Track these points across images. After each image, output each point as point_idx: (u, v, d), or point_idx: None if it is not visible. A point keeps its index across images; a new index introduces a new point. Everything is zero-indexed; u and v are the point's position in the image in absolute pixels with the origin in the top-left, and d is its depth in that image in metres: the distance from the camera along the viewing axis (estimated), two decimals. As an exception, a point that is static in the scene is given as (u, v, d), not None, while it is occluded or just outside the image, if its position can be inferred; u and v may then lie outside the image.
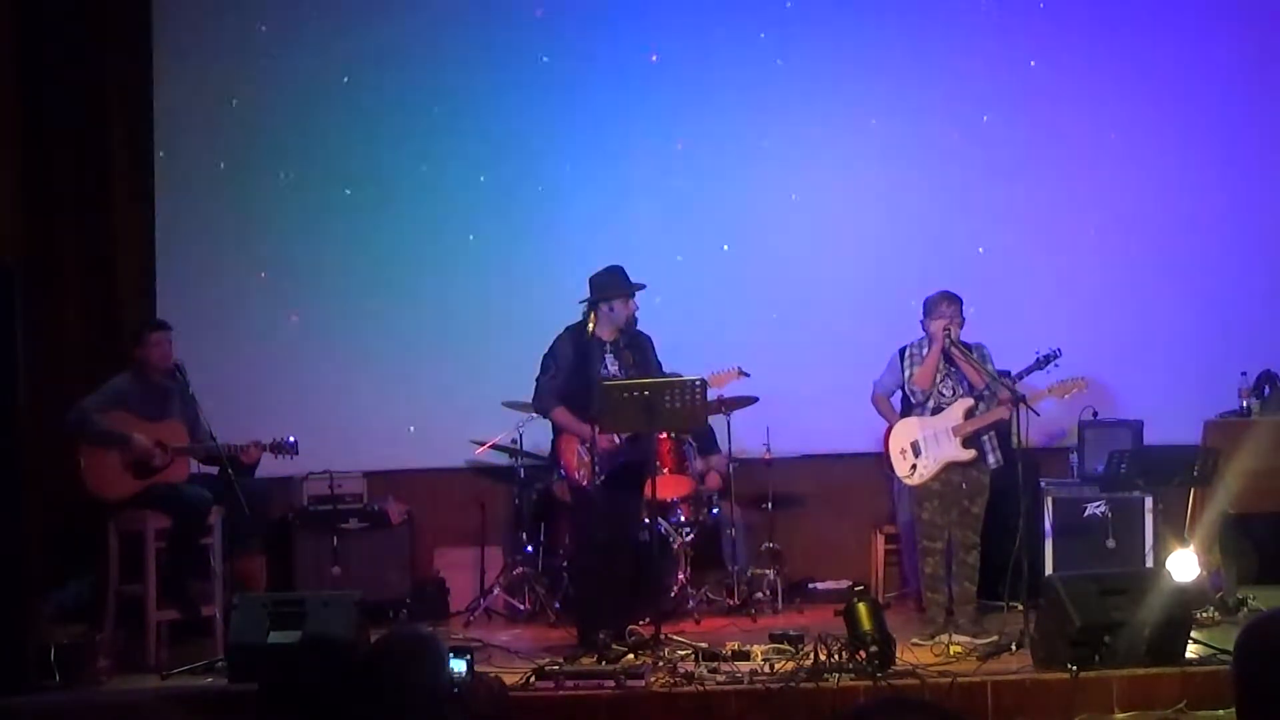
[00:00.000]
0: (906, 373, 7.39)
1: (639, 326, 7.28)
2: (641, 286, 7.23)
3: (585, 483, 7.10)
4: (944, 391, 7.29)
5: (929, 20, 9.15)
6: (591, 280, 7.21)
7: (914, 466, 7.31)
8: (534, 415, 7.69)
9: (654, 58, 9.17)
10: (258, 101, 9.11)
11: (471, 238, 9.16)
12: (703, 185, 9.16)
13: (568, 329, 7.22)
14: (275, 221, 9.12)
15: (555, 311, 7.27)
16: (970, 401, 7.23)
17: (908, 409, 7.50)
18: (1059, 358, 7.20)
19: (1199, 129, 9.09)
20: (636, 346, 7.18)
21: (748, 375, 7.72)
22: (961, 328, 7.31)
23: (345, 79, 9.12)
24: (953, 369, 7.30)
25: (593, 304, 7.15)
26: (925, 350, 7.37)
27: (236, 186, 9.10)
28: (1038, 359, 7.26)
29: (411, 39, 9.17)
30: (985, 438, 7.27)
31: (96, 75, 8.73)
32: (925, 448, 7.27)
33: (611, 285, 7.14)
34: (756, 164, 9.13)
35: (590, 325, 7.12)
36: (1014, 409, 7.06)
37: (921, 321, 7.99)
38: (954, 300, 7.31)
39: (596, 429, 6.96)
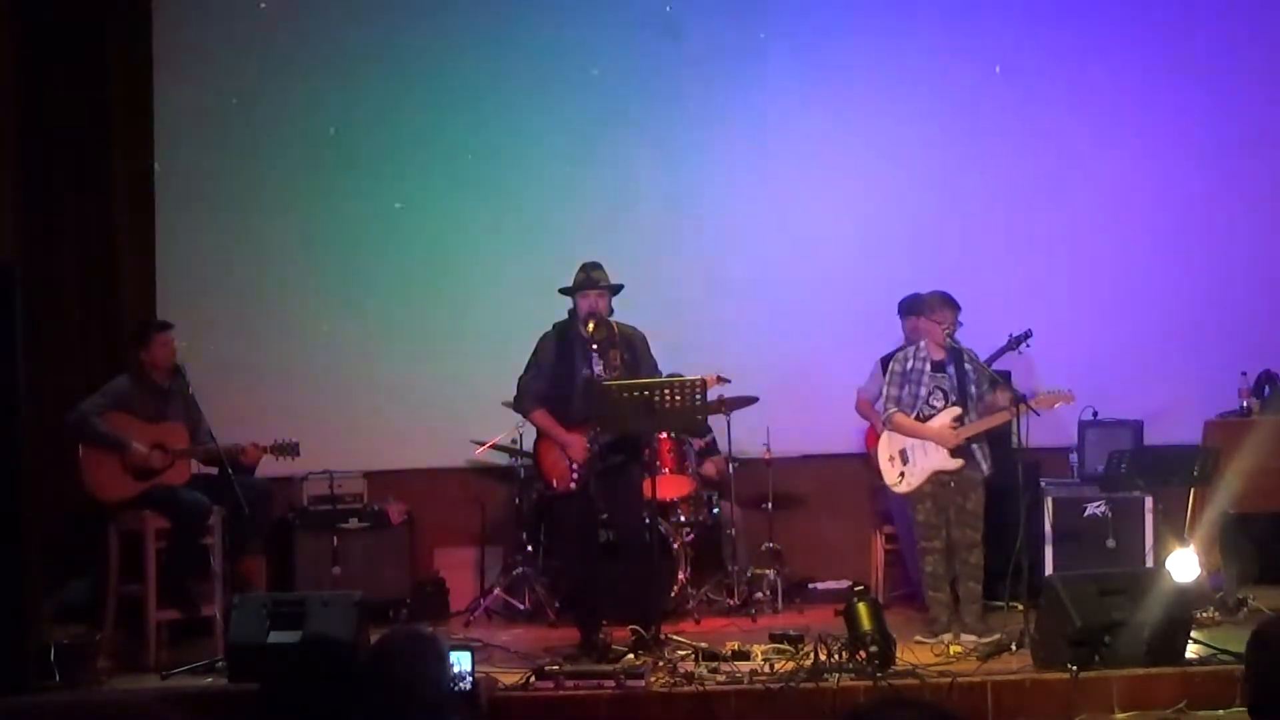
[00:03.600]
0: (891, 390, 7.35)
1: (635, 324, 7.24)
2: (608, 285, 7.09)
3: (563, 488, 7.10)
4: (935, 404, 7.26)
5: (923, 22, 9.15)
6: None
7: (902, 475, 7.32)
8: (533, 416, 7.68)
9: (654, 61, 9.18)
10: (258, 101, 9.10)
11: (472, 237, 9.16)
12: (703, 185, 9.16)
13: (555, 326, 7.20)
14: (275, 221, 9.12)
15: (555, 312, 7.26)
16: (958, 410, 7.21)
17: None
18: (1030, 338, 7.20)
19: (1199, 128, 9.09)
20: (628, 345, 7.12)
21: (728, 381, 7.72)
22: (957, 330, 7.29)
23: (347, 78, 9.12)
24: (941, 377, 7.27)
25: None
26: (909, 364, 7.29)
27: (237, 186, 9.09)
28: (1010, 340, 7.26)
29: (412, 39, 9.17)
30: (975, 446, 7.24)
31: (96, 75, 8.72)
32: (913, 456, 7.27)
33: (574, 279, 7.11)
34: (759, 164, 9.13)
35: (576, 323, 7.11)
36: (1014, 410, 7.06)
37: (909, 320, 8.03)
38: (953, 305, 7.27)
39: (584, 432, 6.95)
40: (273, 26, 9.14)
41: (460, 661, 5.77)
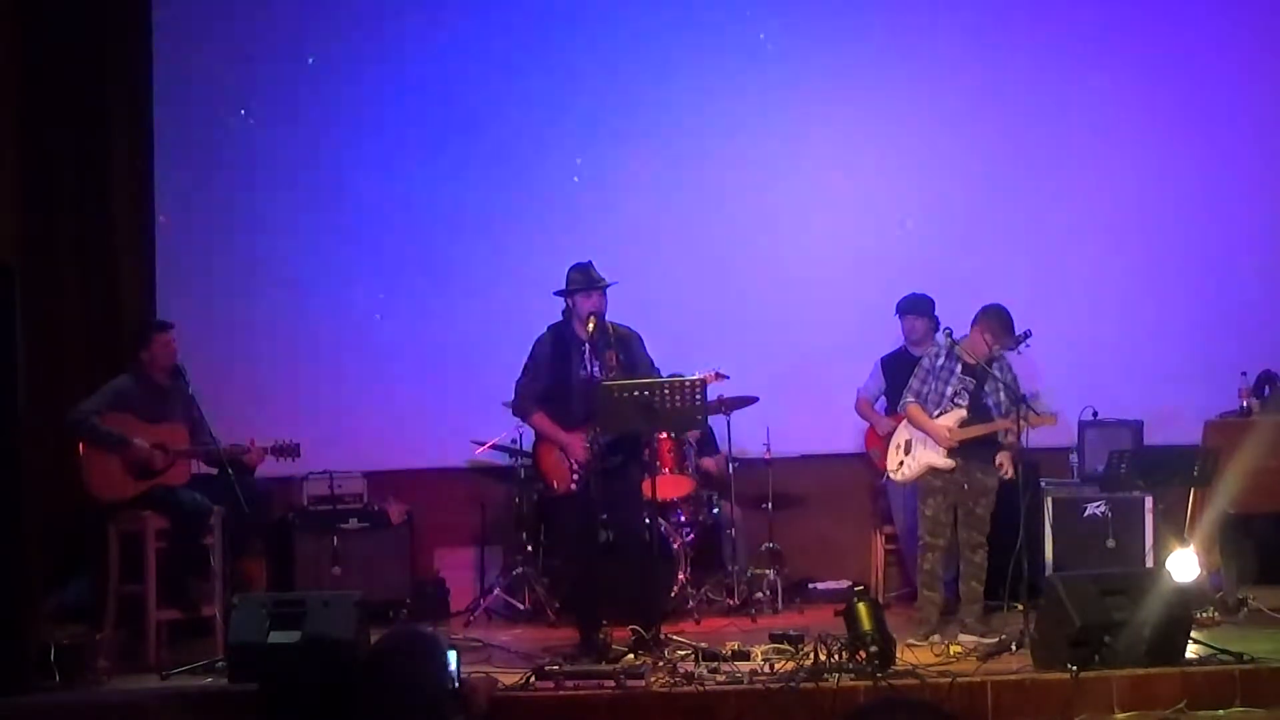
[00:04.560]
0: (914, 383, 7.34)
1: (630, 324, 7.22)
2: (608, 283, 7.07)
3: (564, 489, 7.09)
4: (959, 404, 7.26)
5: (924, 23, 9.16)
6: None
7: (901, 463, 7.35)
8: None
9: (654, 62, 9.19)
10: (258, 101, 9.11)
11: (471, 237, 9.16)
12: (704, 186, 9.16)
13: (549, 328, 7.19)
14: (275, 221, 9.13)
15: (554, 312, 7.26)
16: (962, 413, 7.21)
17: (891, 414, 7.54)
18: (1029, 338, 7.20)
19: (1199, 128, 9.09)
20: (623, 345, 7.10)
21: (727, 378, 7.72)
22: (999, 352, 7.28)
23: (347, 80, 9.13)
24: (969, 380, 7.26)
25: (566, 298, 7.13)
26: (939, 361, 7.29)
27: (237, 187, 9.09)
28: (1014, 334, 7.24)
29: (413, 39, 9.18)
30: (997, 453, 7.23)
31: (96, 75, 8.72)
32: (915, 448, 7.29)
33: (572, 279, 7.09)
34: (759, 163, 9.13)
35: (570, 322, 7.11)
36: (1015, 416, 7.05)
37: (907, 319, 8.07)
38: (1010, 332, 7.20)
39: (583, 433, 6.95)
40: (274, 27, 9.15)
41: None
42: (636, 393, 6.73)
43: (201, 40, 9.07)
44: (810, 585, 8.72)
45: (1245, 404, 8.19)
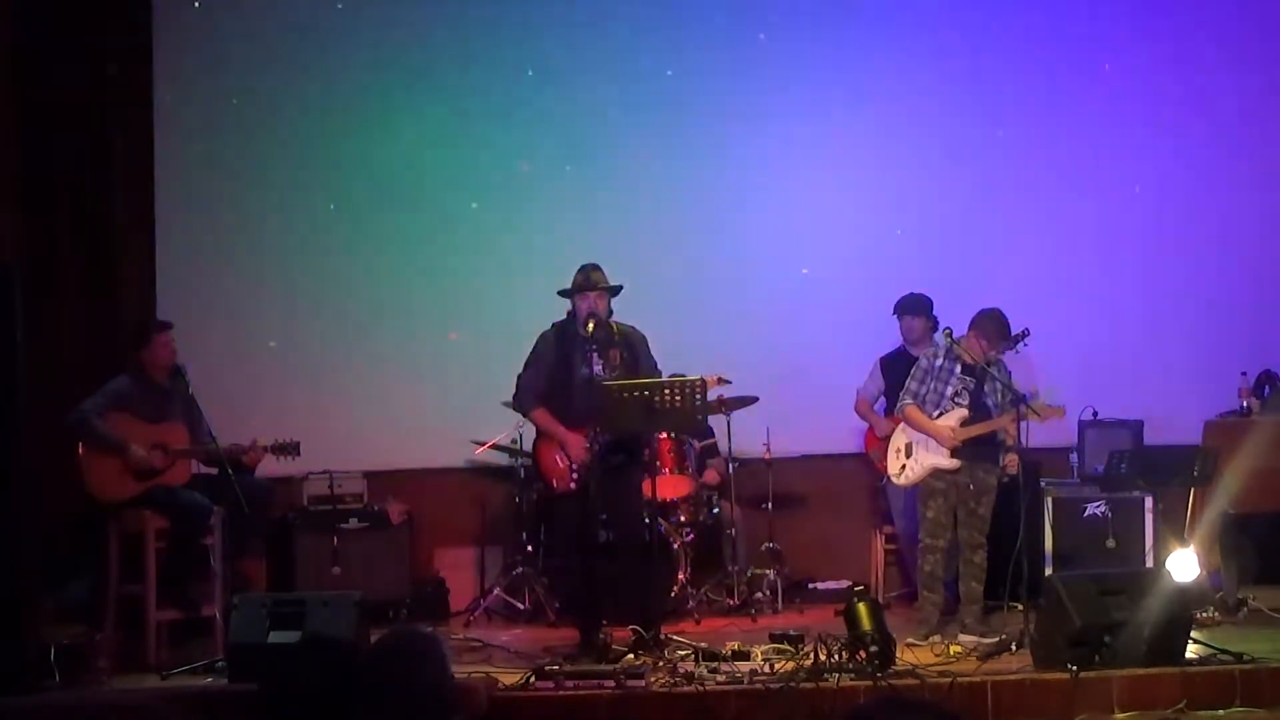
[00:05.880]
0: (911, 384, 7.33)
1: (635, 324, 7.22)
2: (608, 286, 7.06)
3: (562, 488, 7.09)
4: (960, 403, 7.26)
5: (923, 23, 9.16)
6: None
7: (903, 467, 7.34)
8: (533, 415, 7.66)
9: (654, 63, 9.20)
10: (258, 101, 9.11)
11: (472, 237, 9.16)
12: (703, 186, 9.16)
13: (553, 325, 7.19)
14: (275, 221, 9.13)
15: (555, 312, 7.26)
16: (964, 413, 7.21)
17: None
18: (1028, 337, 7.20)
19: (1198, 129, 9.10)
20: (627, 345, 7.11)
21: (729, 382, 7.72)
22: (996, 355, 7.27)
23: (348, 78, 9.13)
24: (969, 379, 7.25)
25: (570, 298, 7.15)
26: (938, 361, 7.29)
27: (237, 186, 9.09)
28: (1010, 338, 7.25)
29: (411, 39, 9.18)
30: (999, 451, 7.22)
31: (97, 74, 8.72)
32: (916, 451, 7.28)
33: (573, 281, 7.10)
34: (758, 164, 9.14)
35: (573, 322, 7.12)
36: (1015, 414, 7.05)
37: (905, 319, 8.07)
38: (1006, 336, 7.19)
39: (584, 432, 6.95)
40: (273, 27, 9.14)
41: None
42: (637, 392, 6.73)
43: (202, 40, 9.07)
44: (810, 585, 8.73)
45: (1245, 404, 8.19)
